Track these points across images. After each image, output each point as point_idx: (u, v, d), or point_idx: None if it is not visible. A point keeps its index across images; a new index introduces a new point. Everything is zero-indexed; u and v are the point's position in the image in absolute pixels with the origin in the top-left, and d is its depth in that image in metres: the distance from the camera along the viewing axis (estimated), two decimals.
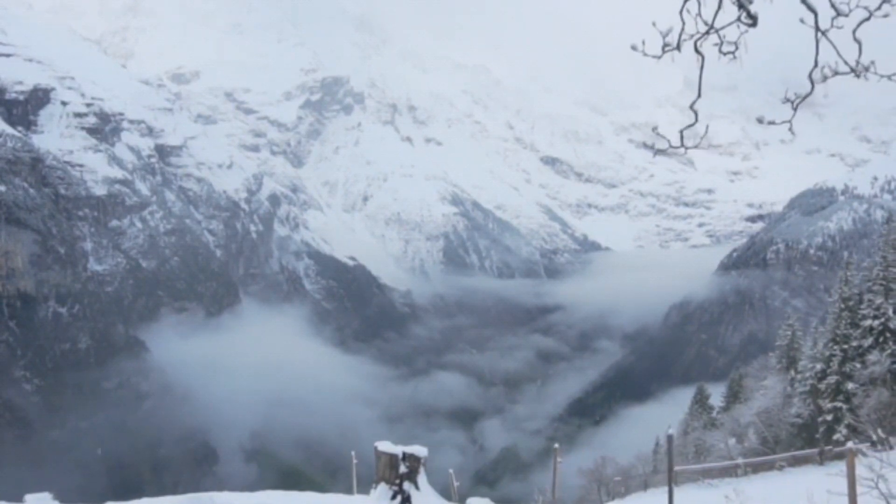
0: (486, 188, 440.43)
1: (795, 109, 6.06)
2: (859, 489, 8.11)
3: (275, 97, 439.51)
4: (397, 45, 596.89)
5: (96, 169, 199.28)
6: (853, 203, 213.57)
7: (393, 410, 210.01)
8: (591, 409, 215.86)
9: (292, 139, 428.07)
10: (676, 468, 29.45)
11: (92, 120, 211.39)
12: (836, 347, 34.95)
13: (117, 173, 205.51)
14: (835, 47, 5.46)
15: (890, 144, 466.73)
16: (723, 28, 5.57)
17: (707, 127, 6.84)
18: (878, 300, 34.17)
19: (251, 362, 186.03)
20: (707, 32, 5.54)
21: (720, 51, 5.68)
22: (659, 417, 79.77)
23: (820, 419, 34.07)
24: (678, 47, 5.67)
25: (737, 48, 5.66)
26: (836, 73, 5.61)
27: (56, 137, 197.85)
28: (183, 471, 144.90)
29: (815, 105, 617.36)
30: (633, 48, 5.80)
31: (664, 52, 5.70)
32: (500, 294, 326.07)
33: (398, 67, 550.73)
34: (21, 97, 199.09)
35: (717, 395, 59.81)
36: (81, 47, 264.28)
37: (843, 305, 35.99)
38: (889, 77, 5.52)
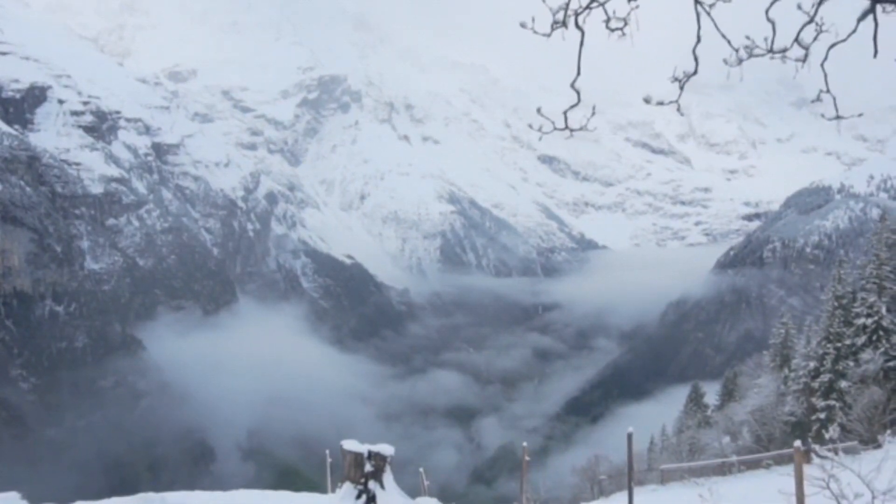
0: (483, 187, 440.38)
1: (682, 88, 5.82)
2: (811, 489, 8.17)
3: (272, 95, 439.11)
4: (395, 43, 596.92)
5: (93, 167, 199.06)
6: (849, 202, 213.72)
7: (390, 409, 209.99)
8: (588, 407, 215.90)
9: (289, 137, 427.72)
10: (664, 467, 29.63)
11: (89, 118, 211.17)
12: (829, 346, 35.11)
13: (114, 172, 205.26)
14: (716, 25, 5.19)
15: (886, 143, 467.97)
16: (608, 2, 5.28)
17: (594, 107, 6.53)
18: (872, 298, 34.33)
19: (248, 361, 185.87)
20: (589, 6, 5.28)
21: (608, 27, 5.42)
22: (656, 416, 79.89)
23: (813, 417, 34.23)
24: (565, 24, 5.39)
25: (626, 24, 5.40)
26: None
27: (53, 136, 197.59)
28: (180, 469, 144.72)
29: (812, 104, 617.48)
30: (522, 25, 5.54)
31: (553, 29, 5.42)
32: (497, 292, 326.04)
33: (396, 66, 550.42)
34: (18, 95, 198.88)
35: (713, 393, 59.99)
36: (78, 46, 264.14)
37: (836, 304, 36.16)
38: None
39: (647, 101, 5.83)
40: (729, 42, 5.36)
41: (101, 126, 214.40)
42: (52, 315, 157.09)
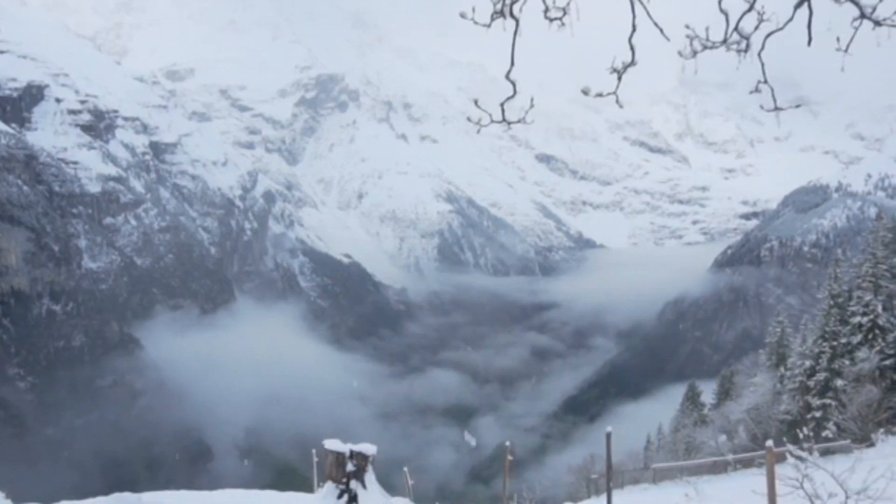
0: (480, 185, 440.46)
1: (620, 79, 5.64)
2: (786, 489, 8.21)
3: (270, 94, 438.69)
4: (392, 42, 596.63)
5: (90, 166, 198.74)
6: (847, 200, 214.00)
7: (388, 408, 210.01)
8: (586, 406, 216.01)
9: (287, 136, 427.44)
10: (655, 466, 29.70)
11: (86, 117, 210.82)
12: (825, 344, 35.21)
13: (111, 171, 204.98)
14: (649, 15, 5.09)
15: (884, 142, 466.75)
16: None
17: (532, 99, 6.44)
18: (868, 297, 34.43)
19: (246, 360, 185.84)
20: None
21: (545, 16, 5.25)
22: (653, 414, 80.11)
23: (809, 416, 34.31)
24: (503, 13, 5.23)
25: (565, 13, 5.24)
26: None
27: (50, 134, 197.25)
28: (177, 468, 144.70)
29: (810, 103, 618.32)
30: (462, 16, 5.40)
31: (493, 19, 5.28)
32: (494, 291, 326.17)
33: (393, 65, 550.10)
34: (15, 94, 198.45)
35: (710, 392, 60.10)
36: (76, 44, 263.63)
37: (832, 302, 36.26)
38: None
39: (585, 92, 5.68)
40: (661, 31, 5.31)
41: (98, 125, 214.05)
42: (50, 314, 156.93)
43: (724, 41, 5.23)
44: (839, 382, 33.36)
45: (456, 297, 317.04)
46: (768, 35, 5.18)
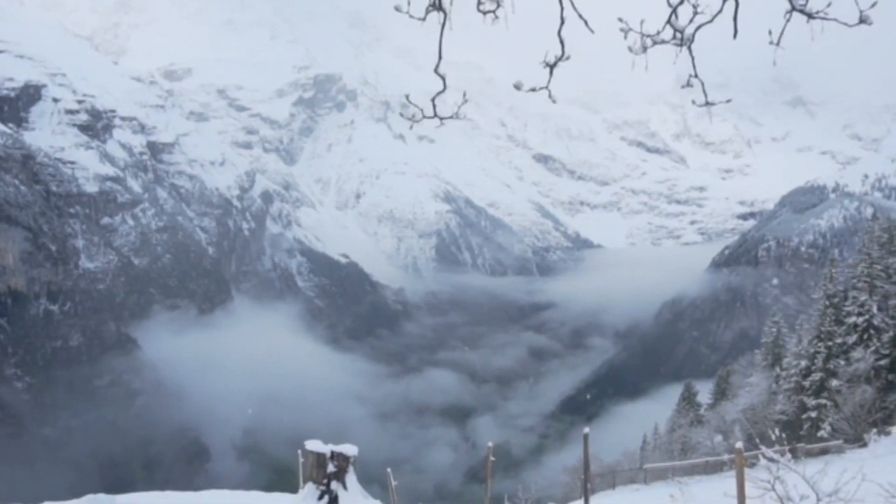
0: (478, 185, 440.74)
1: (551, 73, 5.62)
2: (757, 491, 8.26)
3: (267, 94, 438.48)
4: (390, 42, 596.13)
5: (88, 166, 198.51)
6: (844, 201, 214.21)
7: (385, 408, 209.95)
8: (584, 406, 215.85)
9: (285, 136, 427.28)
10: (647, 466, 29.80)
11: (83, 117, 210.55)
12: (820, 344, 35.31)
13: (109, 170, 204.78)
14: (575, 8, 5.05)
15: (881, 142, 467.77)
16: None
17: (465, 94, 6.43)
18: (863, 297, 34.55)
19: (243, 360, 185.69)
20: None
21: (478, 9, 5.15)
22: (650, 414, 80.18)
23: (804, 416, 34.43)
24: (437, 6, 5.15)
25: (498, 6, 5.13)
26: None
27: (47, 134, 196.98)
28: (175, 468, 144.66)
29: (807, 103, 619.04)
30: (397, 9, 5.27)
31: (427, 12, 5.21)
32: (492, 291, 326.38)
33: (391, 65, 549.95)
34: (12, 94, 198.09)
35: (707, 392, 60.20)
36: (73, 44, 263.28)
37: (827, 302, 36.36)
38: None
39: (517, 87, 5.62)
40: (586, 23, 5.21)
41: (95, 125, 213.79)
42: (47, 314, 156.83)
43: (658, 34, 5.19)
44: (834, 383, 33.46)
45: (453, 297, 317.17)
46: (698, 27, 5.14)
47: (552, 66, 5.55)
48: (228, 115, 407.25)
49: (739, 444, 10.06)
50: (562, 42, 5.31)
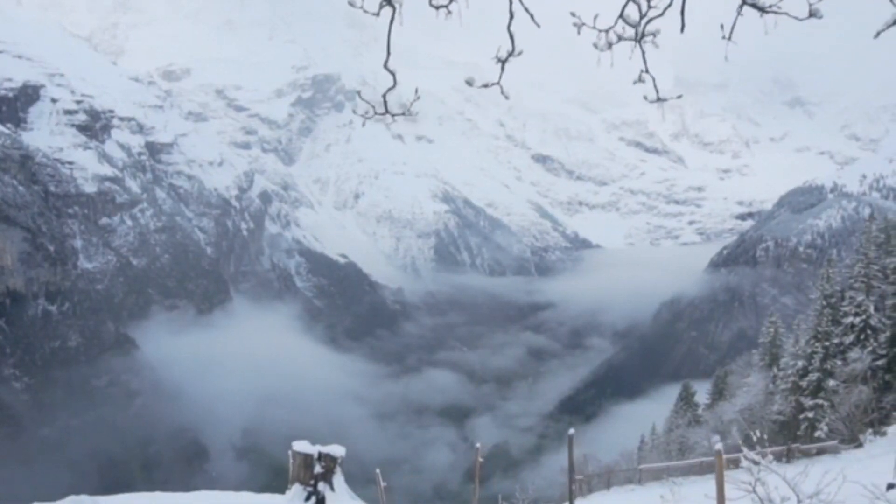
0: (477, 186, 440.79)
1: (503, 69, 5.58)
2: (738, 493, 8.32)
3: (266, 94, 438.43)
4: None
5: (86, 166, 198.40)
6: (842, 201, 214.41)
7: (384, 408, 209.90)
8: (582, 406, 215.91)
9: (283, 136, 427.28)
10: (642, 466, 29.90)
11: (82, 117, 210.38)
12: (817, 345, 35.39)
13: (107, 171, 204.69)
14: (522, 4, 5.01)
15: (879, 142, 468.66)
16: None
17: (416, 90, 6.29)
18: (860, 297, 34.63)
19: (242, 360, 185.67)
20: None
21: (430, 4, 5.04)
22: (649, 414, 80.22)
23: (801, 416, 34.51)
24: (387, 1, 5.01)
25: (451, 1, 5.00)
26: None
27: (46, 135, 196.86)
28: (174, 468, 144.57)
29: (805, 104, 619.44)
30: (351, 4, 5.23)
31: (381, 7, 5.08)
32: (491, 291, 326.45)
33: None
34: (10, 94, 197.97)
35: (706, 392, 60.27)
36: (71, 44, 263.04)
37: (824, 303, 36.46)
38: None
39: (469, 83, 5.75)
40: (532, 17, 5.23)
41: (94, 125, 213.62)
42: (46, 314, 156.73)
43: (612, 28, 5.16)
44: (831, 383, 33.54)
45: (452, 298, 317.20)
46: (648, 21, 5.08)
47: (503, 62, 5.60)
48: (227, 115, 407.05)
49: (719, 447, 10.08)
50: (511, 37, 5.33)
